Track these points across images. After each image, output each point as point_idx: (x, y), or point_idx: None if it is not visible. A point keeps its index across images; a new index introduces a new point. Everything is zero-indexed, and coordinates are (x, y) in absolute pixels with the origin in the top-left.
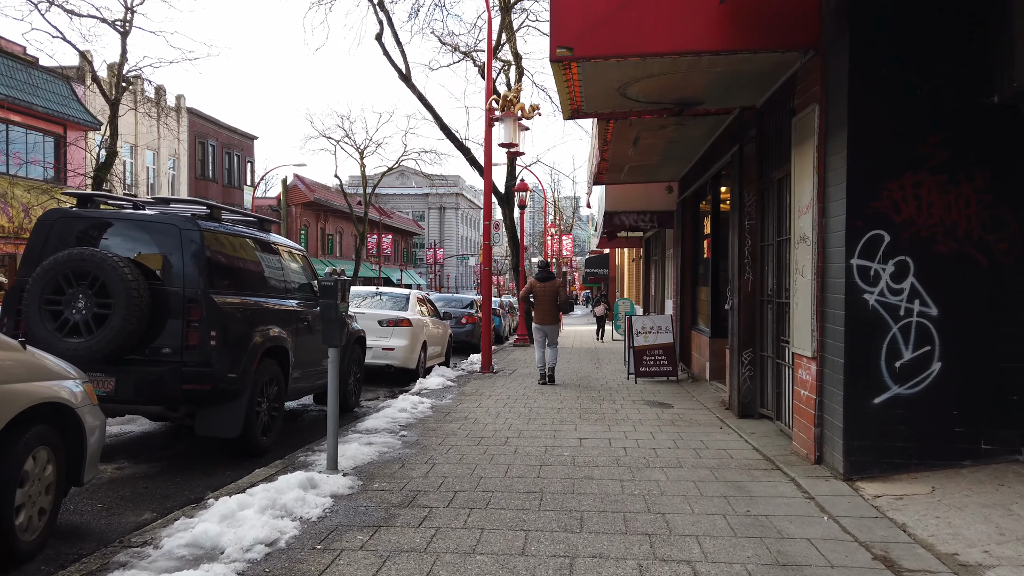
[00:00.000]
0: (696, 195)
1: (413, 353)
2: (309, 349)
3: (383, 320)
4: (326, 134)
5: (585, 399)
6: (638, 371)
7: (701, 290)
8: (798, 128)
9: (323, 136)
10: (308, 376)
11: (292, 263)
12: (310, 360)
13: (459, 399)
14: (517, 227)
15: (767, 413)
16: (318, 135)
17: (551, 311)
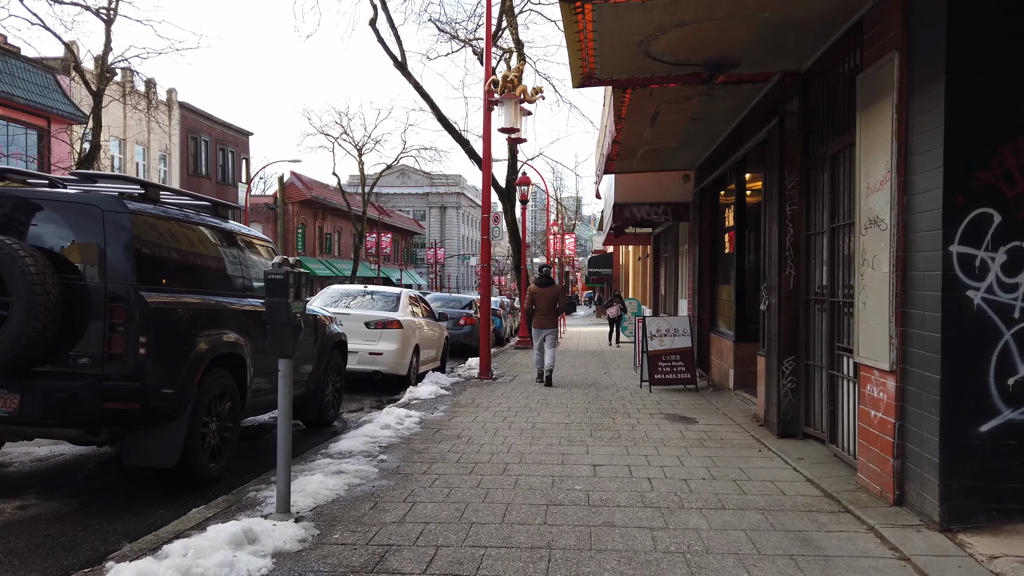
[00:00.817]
0: (716, 184)
1: (403, 358)
2: None
3: (370, 322)
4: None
5: (596, 411)
6: (652, 378)
7: (722, 289)
8: (866, 86)
9: (321, 133)
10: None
11: (255, 256)
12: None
13: (452, 412)
14: (519, 223)
15: (815, 433)
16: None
17: (550, 315)
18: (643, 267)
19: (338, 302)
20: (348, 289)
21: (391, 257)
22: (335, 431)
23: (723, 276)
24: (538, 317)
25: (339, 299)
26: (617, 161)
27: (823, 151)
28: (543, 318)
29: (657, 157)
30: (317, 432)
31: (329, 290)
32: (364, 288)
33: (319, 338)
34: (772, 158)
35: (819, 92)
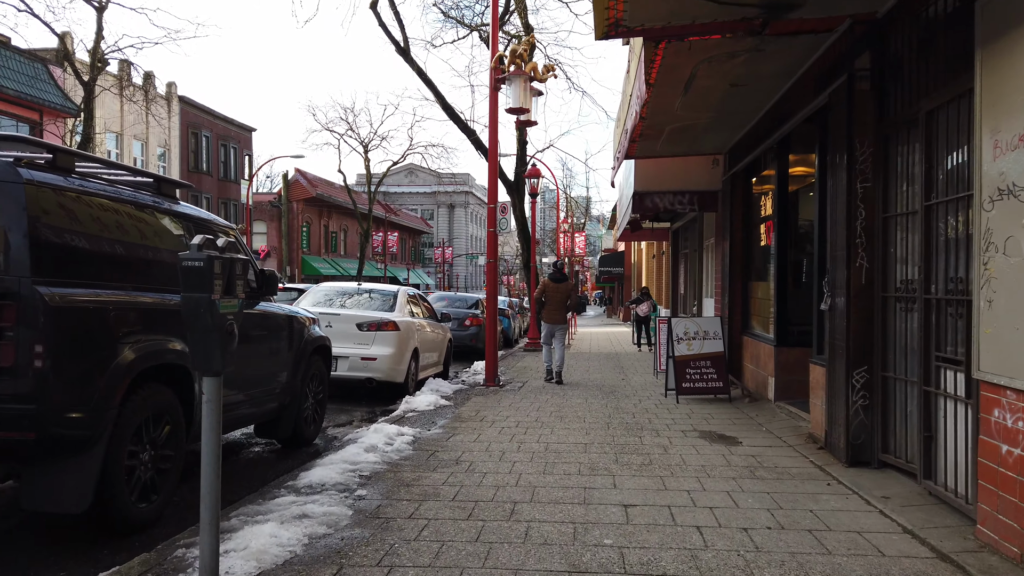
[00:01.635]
0: (750, 169)
1: (400, 364)
2: (247, 362)
3: (363, 323)
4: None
5: (618, 427)
6: (680, 387)
7: (756, 286)
8: (994, 12)
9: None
10: (250, 399)
11: None
12: (250, 377)
13: (453, 428)
14: (528, 218)
15: (898, 463)
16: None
17: (561, 311)
18: (658, 265)
19: (328, 301)
20: (341, 287)
21: (398, 256)
22: (315, 451)
23: (758, 272)
24: (548, 312)
25: (330, 298)
26: (640, 142)
27: (912, 111)
28: (554, 313)
29: (684, 138)
30: (293, 453)
31: (320, 288)
32: (358, 286)
33: (296, 342)
34: (837, 127)
35: (902, 39)
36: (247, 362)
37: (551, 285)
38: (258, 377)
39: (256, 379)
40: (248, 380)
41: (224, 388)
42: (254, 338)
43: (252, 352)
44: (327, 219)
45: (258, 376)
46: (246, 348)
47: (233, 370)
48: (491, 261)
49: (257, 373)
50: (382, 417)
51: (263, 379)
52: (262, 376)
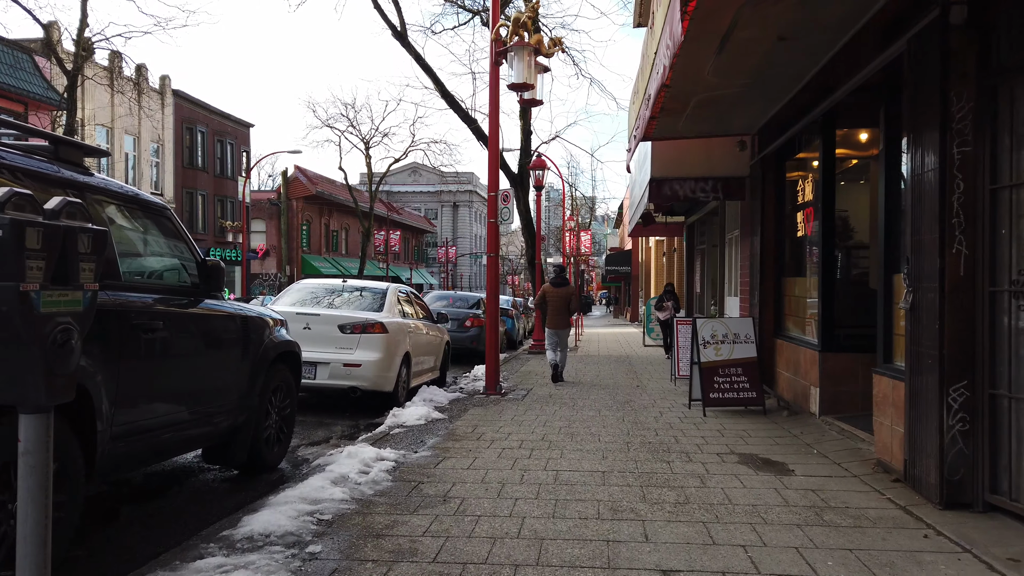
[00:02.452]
0: (786, 149)
1: (388, 370)
2: (183, 374)
3: (346, 325)
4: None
5: (641, 448)
6: (707, 397)
7: (792, 283)
8: None
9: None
10: (192, 419)
11: (138, 229)
12: (188, 392)
13: (444, 449)
14: (533, 213)
15: (1014, 508)
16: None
17: (563, 316)
18: (670, 262)
19: (308, 300)
20: (323, 284)
21: (400, 255)
22: (278, 478)
23: (795, 266)
24: (550, 318)
25: (311, 296)
26: (660, 119)
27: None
28: (556, 318)
29: (710, 114)
30: (250, 483)
31: (300, 285)
32: (343, 282)
33: (253, 348)
34: (923, 79)
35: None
36: (184, 373)
37: (552, 290)
38: (200, 392)
39: (198, 394)
40: (186, 395)
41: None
42: (195, 344)
43: (191, 361)
44: (328, 217)
45: (200, 390)
46: (183, 357)
47: (164, 383)
48: (492, 255)
49: (198, 387)
50: (364, 433)
51: (207, 394)
52: (205, 390)
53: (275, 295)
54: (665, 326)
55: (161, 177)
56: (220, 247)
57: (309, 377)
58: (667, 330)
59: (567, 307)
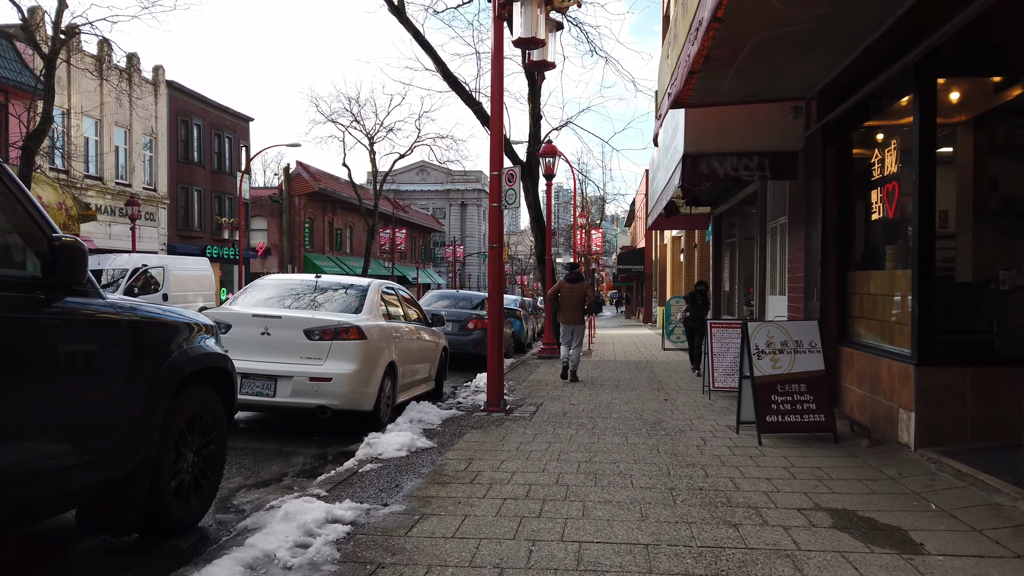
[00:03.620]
0: (854, 114)
1: (367, 385)
2: (15, 409)
3: (314, 329)
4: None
5: (689, 498)
6: (763, 420)
7: (865, 278)
8: None
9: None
10: (50, 471)
11: None
12: (27, 431)
13: (423, 500)
14: (543, 204)
15: None
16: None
17: (577, 312)
18: (689, 259)
19: (272, 300)
20: (292, 280)
21: (407, 254)
22: (195, 544)
23: (869, 256)
24: (564, 313)
25: (275, 295)
26: (704, 73)
27: None
28: (569, 314)
29: (765, 66)
30: (149, 552)
31: (264, 281)
32: (316, 279)
33: (148, 366)
34: None
35: None
36: (23, 406)
37: (566, 285)
38: (55, 430)
39: (51, 434)
40: (28, 437)
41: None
42: (42, 362)
43: (37, 387)
44: (331, 215)
45: (55, 428)
46: (19, 382)
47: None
48: (494, 247)
49: (50, 423)
50: (330, 469)
51: (67, 432)
52: (63, 428)
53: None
54: (690, 333)
55: (154, 172)
56: (217, 245)
57: (267, 394)
58: (691, 336)
59: (582, 302)
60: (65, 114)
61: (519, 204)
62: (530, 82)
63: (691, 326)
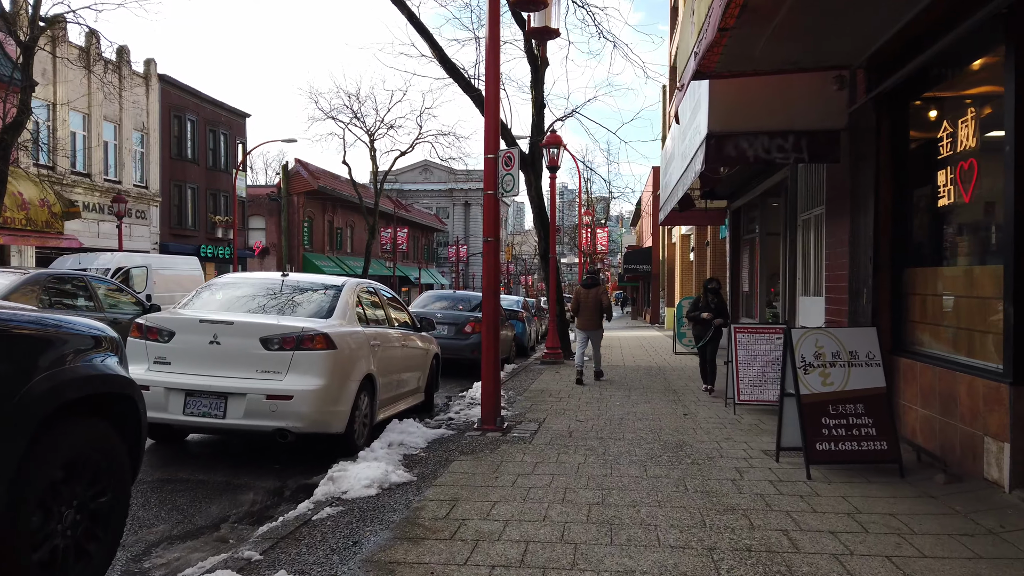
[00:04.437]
0: (913, 82)
1: (336, 403)
2: None
3: (272, 337)
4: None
5: (739, 565)
6: (812, 449)
7: (930, 275)
8: None
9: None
10: None
11: None
12: None
13: (385, 571)
14: (547, 199)
15: None
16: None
17: (595, 316)
18: (700, 258)
19: (228, 302)
20: (253, 279)
21: (409, 254)
22: None
23: (935, 251)
24: (581, 319)
25: (233, 296)
26: (736, 31)
27: None
28: (587, 320)
29: (809, 25)
30: None
31: (222, 280)
32: (282, 277)
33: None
34: None
35: None
36: None
37: (583, 291)
38: None
39: None
40: None
41: None
42: None
43: None
44: (332, 214)
45: None
46: None
47: None
48: (489, 240)
49: None
50: (271, 522)
51: None
52: None
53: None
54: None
55: (146, 168)
56: (212, 244)
57: (215, 415)
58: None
59: (598, 307)
60: (50, 107)
61: (518, 191)
62: (532, 68)
63: (699, 333)
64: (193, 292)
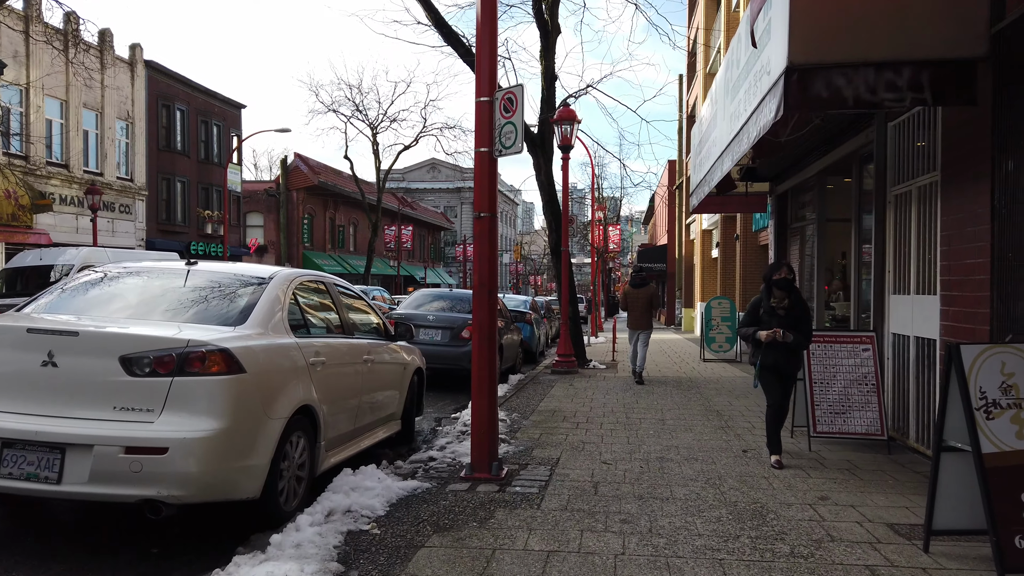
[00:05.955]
0: None
1: (244, 456)
2: None
3: (140, 356)
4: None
5: None
6: (1012, 548)
7: None
8: None
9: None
10: None
11: None
12: None
13: None
14: (558, 184)
15: None
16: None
17: (645, 316)
18: (729, 254)
19: (93, 301)
20: (138, 270)
21: (415, 253)
22: None
23: None
24: (632, 318)
25: (104, 295)
26: None
27: None
28: (638, 319)
29: None
30: None
31: (95, 273)
32: (187, 266)
33: None
34: None
35: None
36: None
37: (632, 291)
38: None
39: None
40: None
41: None
42: None
43: None
44: (333, 211)
45: None
46: None
47: None
48: (482, 216)
49: None
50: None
51: None
52: None
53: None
54: (773, 371)
55: (131, 160)
56: (203, 241)
57: (46, 478)
58: (772, 379)
59: (649, 306)
60: (23, 92)
61: (521, 147)
62: (543, 34)
63: (767, 360)
64: (52, 287)
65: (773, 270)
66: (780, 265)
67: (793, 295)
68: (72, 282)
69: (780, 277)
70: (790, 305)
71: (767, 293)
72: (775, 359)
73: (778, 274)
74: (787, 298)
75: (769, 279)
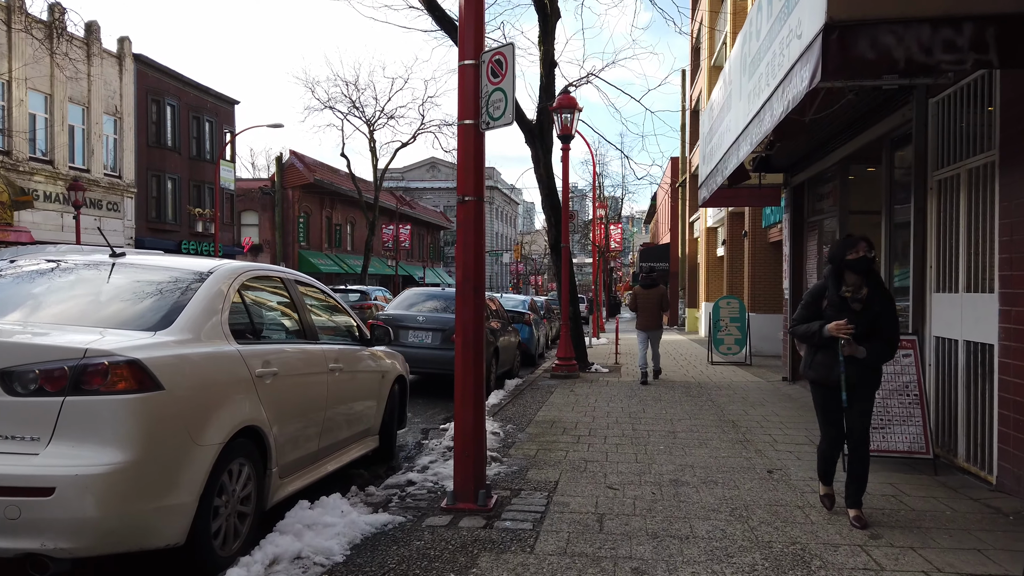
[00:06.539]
0: None
1: (161, 494)
2: None
3: (21, 370)
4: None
5: None
6: None
7: None
8: None
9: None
10: None
11: None
12: None
13: None
14: (558, 179)
15: None
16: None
17: (655, 317)
18: (736, 252)
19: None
20: (52, 261)
21: (413, 253)
22: None
23: None
24: (641, 319)
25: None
26: None
27: None
28: (647, 320)
29: None
30: None
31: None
32: (112, 259)
33: None
34: None
35: None
36: None
37: (642, 292)
38: None
39: None
40: None
41: None
42: None
43: None
44: (330, 210)
45: None
46: None
47: None
48: (467, 200)
49: None
50: None
51: None
52: None
53: None
54: (848, 389)
55: (119, 156)
56: (195, 240)
57: None
58: (835, 396)
59: (658, 307)
60: (5, 85)
61: (512, 119)
62: (541, 18)
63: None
64: None
65: (846, 247)
66: (856, 240)
67: (872, 281)
68: None
69: (857, 256)
70: (868, 296)
71: (835, 279)
72: (848, 372)
73: (853, 252)
74: (864, 285)
75: (840, 259)
